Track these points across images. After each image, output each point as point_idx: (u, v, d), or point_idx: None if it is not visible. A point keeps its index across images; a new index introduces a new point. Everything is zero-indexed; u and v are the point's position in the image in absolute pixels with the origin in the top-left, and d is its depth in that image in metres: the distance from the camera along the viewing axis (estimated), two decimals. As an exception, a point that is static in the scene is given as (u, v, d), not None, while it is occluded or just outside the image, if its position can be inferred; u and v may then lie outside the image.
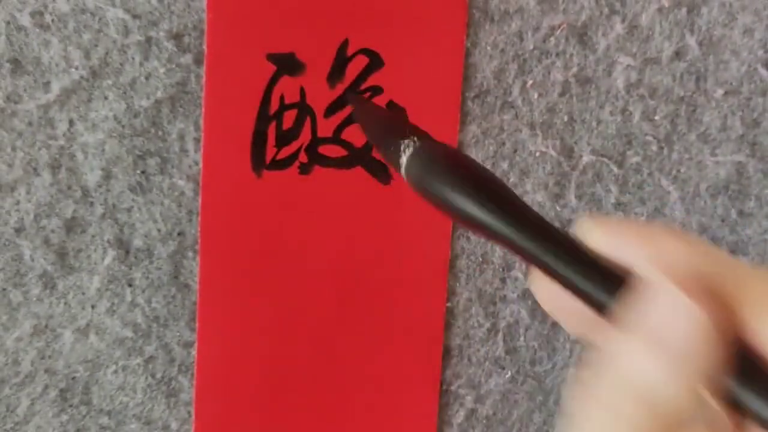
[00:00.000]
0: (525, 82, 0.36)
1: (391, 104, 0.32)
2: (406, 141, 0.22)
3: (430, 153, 0.21)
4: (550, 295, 0.18)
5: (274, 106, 0.33)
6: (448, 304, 0.37)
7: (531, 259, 0.18)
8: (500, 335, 0.38)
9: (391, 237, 0.35)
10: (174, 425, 0.37)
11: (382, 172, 0.34)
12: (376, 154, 0.33)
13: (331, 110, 0.33)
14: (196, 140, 0.34)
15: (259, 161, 0.34)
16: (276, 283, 0.35)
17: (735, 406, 0.15)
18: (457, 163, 0.20)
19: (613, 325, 0.16)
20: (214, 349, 0.35)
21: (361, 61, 0.33)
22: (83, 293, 0.35)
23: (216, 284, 0.34)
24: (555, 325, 0.38)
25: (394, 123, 0.25)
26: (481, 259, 0.37)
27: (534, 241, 0.17)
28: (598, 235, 0.17)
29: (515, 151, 0.36)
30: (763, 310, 0.15)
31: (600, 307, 0.17)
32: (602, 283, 0.16)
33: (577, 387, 0.16)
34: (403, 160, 0.22)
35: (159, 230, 0.35)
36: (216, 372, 0.36)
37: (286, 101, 0.33)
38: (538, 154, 0.37)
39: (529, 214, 0.18)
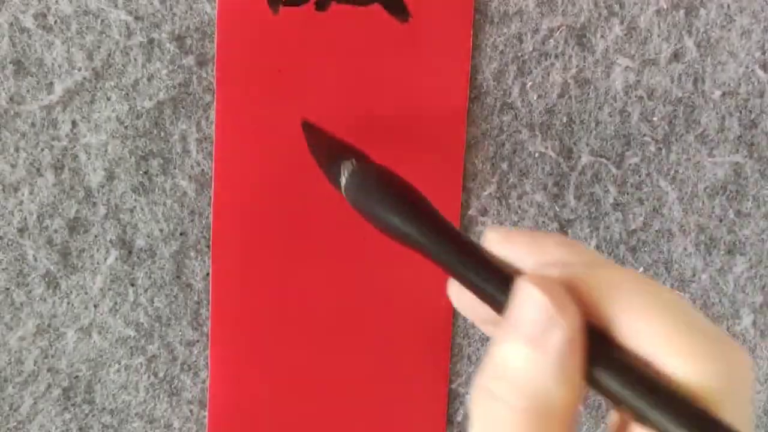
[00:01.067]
0: (524, 84, 0.36)
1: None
2: (345, 163, 0.25)
3: (364, 174, 0.24)
4: (463, 299, 0.21)
5: None
6: (448, 304, 0.37)
7: (444, 267, 0.20)
8: (500, 334, 0.38)
9: (408, 77, 0.35)
10: (176, 424, 0.37)
11: (399, 10, 0.34)
12: None
13: None
14: (199, 141, 0.34)
15: None
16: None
17: (599, 389, 0.18)
18: (386, 182, 0.23)
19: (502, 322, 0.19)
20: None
21: None
22: (86, 293, 0.35)
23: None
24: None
25: (337, 148, 0.28)
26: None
27: (445, 252, 0.20)
28: (498, 244, 0.20)
29: (515, 151, 0.37)
30: (620, 305, 0.18)
31: (499, 308, 0.19)
32: (499, 286, 0.19)
33: (475, 379, 0.19)
34: (343, 180, 0.25)
35: (161, 230, 0.35)
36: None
37: None
38: (537, 154, 0.37)
39: (443, 228, 0.21)
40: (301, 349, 0.36)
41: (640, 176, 0.38)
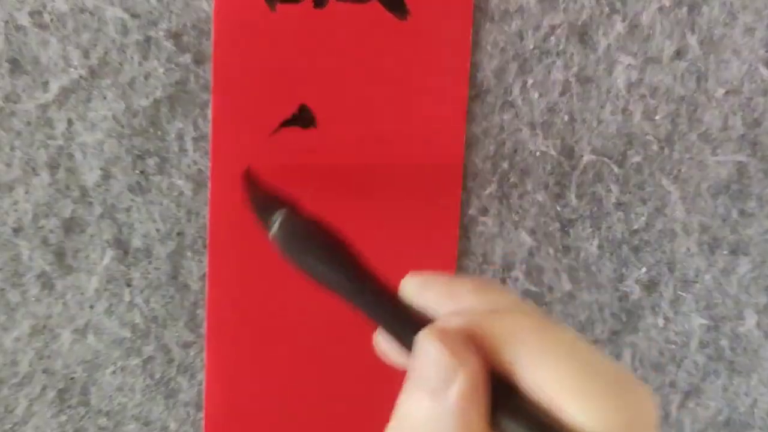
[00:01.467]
0: (525, 82, 0.36)
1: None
2: (276, 215, 0.26)
3: (290, 225, 0.26)
4: (387, 347, 0.22)
5: None
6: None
7: (364, 315, 0.21)
8: (500, 336, 0.38)
9: (408, 75, 0.34)
10: (173, 426, 0.36)
11: (398, 7, 0.34)
12: None
13: None
14: (195, 140, 0.34)
15: None
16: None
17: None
18: (311, 232, 0.25)
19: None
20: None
21: None
22: (82, 293, 0.35)
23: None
24: (555, 325, 0.38)
25: (271, 200, 0.30)
26: (481, 259, 0.37)
27: (364, 301, 0.21)
28: (416, 291, 0.21)
29: (515, 150, 0.36)
30: (521, 351, 0.18)
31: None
32: (414, 334, 0.19)
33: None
34: (273, 231, 0.26)
35: (158, 230, 0.35)
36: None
37: None
38: (538, 153, 0.36)
39: (363, 278, 0.22)
40: (297, 351, 0.36)
41: (642, 175, 0.37)
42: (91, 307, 0.35)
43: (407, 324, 0.20)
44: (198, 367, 0.36)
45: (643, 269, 0.38)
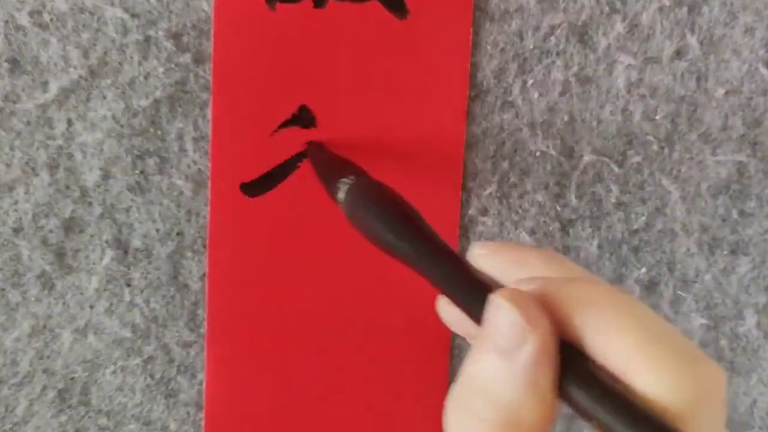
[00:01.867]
0: (525, 82, 0.36)
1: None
2: (344, 179, 0.26)
3: (360, 189, 0.26)
4: (451, 314, 0.22)
5: None
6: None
7: (431, 281, 0.21)
8: (500, 335, 0.38)
9: (407, 75, 0.34)
10: (173, 426, 0.36)
11: (398, 7, 0.34)
12: None
13: None
14: (195, 140, 0.34)
15: None
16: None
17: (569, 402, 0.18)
18: (380, 198, 0.24)
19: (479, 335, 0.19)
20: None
21: None
22: (82, 293, 0.35)
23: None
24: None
25: (338, 165, 0.29)
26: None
27: (431, 267, 0.21)
28: (483, 259, 0.21)
29: (515, 150, 0.36)
30: (593, 319, 0.18)
31: (479, 320, 0.19)
32: (482, 300, 0.19)
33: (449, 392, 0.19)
34: (340, 195, 0.26)
35: (158, 230, 0.35)
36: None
37: None
38: (538, 153, 0.36)
39: (431, 243, 0.22)
40: (298, 350, 0.36)
41: (642, 175, 0.37)
42: (91, 307, 0.35)
43: (476, 290, 0.20)
44: (198, 367, 0.36)
45: (643, 269, 0.38)
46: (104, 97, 0.33)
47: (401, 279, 0.36)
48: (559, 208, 0.37)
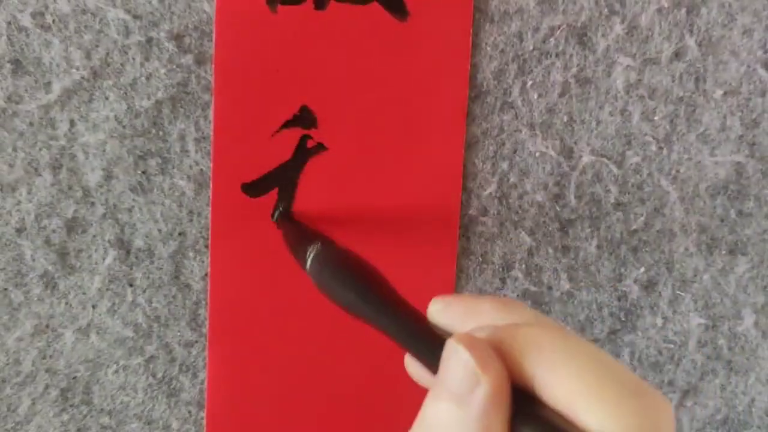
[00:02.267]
0: (525, 83, 0.36)
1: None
2: (311, 247, 0.28)
3: (324, 257, 0.27)
4: (417, 370, 0.22)
5: None
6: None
7: (395, 342, 0.22)
8: (500, 335, 0.38)
9: (407, 76, 0.35)
10: (175, 425, 0.37)
11: (398, 8, 0.34)
12: None
13: None
14: (197, 140, 0.34)
15: None
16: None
17: None
18: (343, 263, 0.26)
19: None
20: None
21: None
22: (84, 293, 0.35)
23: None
24: (555, 324, 0.38)
25: (305, 235, 0.31)
26: (481, 259, 0.37)
27: (391, 328, 0.22)
28: (441, 313, 0.22)
29: (515, 151, 0.36)
30: (542, 362, 0.18)
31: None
32: (437, 352, 0.20)
33: None
34: (308, 264, 0.28)
35: (160, 230, 0.35)
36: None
37: None
38: (537, 154, 0.37)
39: (391, 306, 0.23)
40: (299, 350, 0.36)
41: (641, 176, 0.37)
42: (94, 306, 0.35)
43: (433, 343, 0.21)
44: (200, 367, 0.36)
45: (642, 269, 0.38)
46: (106, 98, 0.33)
47: (403, 279, 0.36)
48: (558, 209, 0.37)
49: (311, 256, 0.28)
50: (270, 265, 0.35)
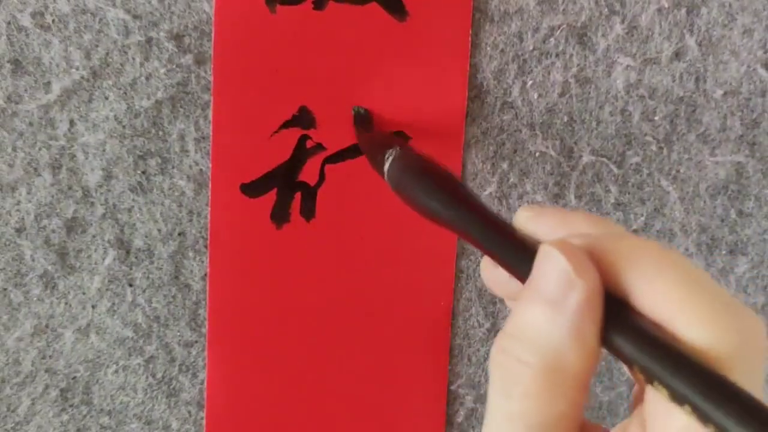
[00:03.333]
0: (525, 83, 0.36)
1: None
2: (390, 151, 0.27)
3: (404, 160, 0.26)
4: (495, 276, 0.22)
5: None
6: (448, 304, 0.37)
7: (476, 244, 0.22)
8: (500, 335, 0.38)
9: (407, 76, 0.35)
10: (174, 425, 0.37)
11: (397, 8, 0.34)
12: None
13: None
14: (197, 140, 0.34)
15: None
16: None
17: (616, 354, 0.18)
18: (424, 167, 0.25)
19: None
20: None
21: None
22: (84, 293, 0.35)
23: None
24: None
25: (382, 139, 0.30)
26: (481, 259, 0.37)
27: (476, 230, 0.22)
28: (529, 221, 0.22)
29: (515, 151, 0.36)
30: (639, 272, 0.18)
31: (523, 278, 0.20)
32: (526, 258, 0.20)
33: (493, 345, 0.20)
34: (386, 167, 0.27)
35: (159, 230, 0.35)
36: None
37: None
38: (537, 154, 0.37)
39: (475, 208, 0.22)
40: (299, 350, 0.36)
41: (641, 176, 0.37)
42: (93, 306, 0.35)
43: (521, 249, 0.20)
44: (200, 367, 0.36)
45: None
46: (106, 98, 0.33)
47: (404, 279, 0.36)
48: (558, 209, 0.37)
49: (389, 160, 0.27)
50: (269, 265, 0.35)
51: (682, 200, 0.38)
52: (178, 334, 0.36)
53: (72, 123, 0.34)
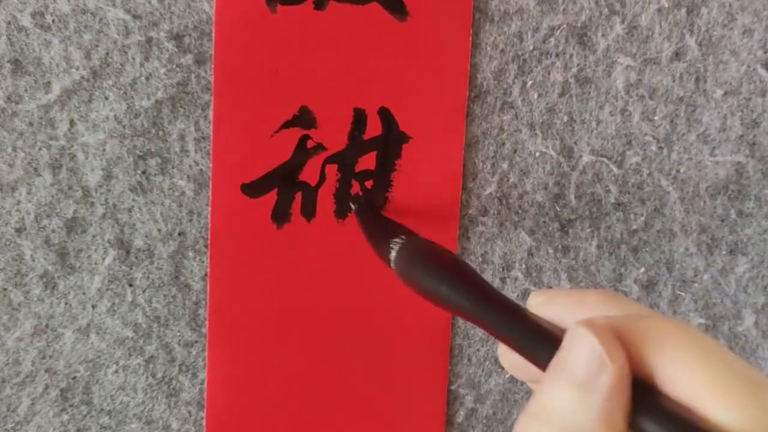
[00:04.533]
0: (525, 83, 0.36)
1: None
2: (395, 240, 0.27)
3: (411, 250, 0.26)
4: (513, 360, 0.22)
5: None
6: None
7: (492, 333, 0.22)
8: (500, 335, 0.38)
9: (407, 76, 0.35)
10: (174, 425, 0.37)
11: (398, 8, 0.34)
12: None
13: None
14: (197, 140, 0.34)
15: None
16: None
17: None
18: (432, 255, 0.25)
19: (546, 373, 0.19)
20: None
21: None
22: (84, 293, 0.35)
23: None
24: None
25: (387, 227, 0.30)
26: (481, 259, 0.37)
27: (493, 319, 0.21)
28: (542, 306, 0.21)
29: (515, 151, 0.36)
30: (664, 353, 0.18)
31: (544, 365, 0.20)
32: (545, 345, 0.20)
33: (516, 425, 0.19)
34: (392, 255, 0.27)
35: (159, 230, 0.35)
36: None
37: None
38: (537, 154, 0.37)
39: (489, 295, 0.22)
40: (299, 350, 0.36)
41: (641, 176, 0.37)
42: (94, 306, 0.35)
43: (539, 335, 0.20)
44: (200, 367, 0.36)
45: (642, 269, 0.38)
46: (106, 98, 0.33)
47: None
48: (558, 209, 0.37)
49: (396, 249, 0.27)
50: (270, 265, 0.35)
51: (682, 200, 0.38)
52: (178, 334, 0.36)
53: (72, 123, 0.34)
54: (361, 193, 0.35)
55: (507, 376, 0.38)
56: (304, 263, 0.35)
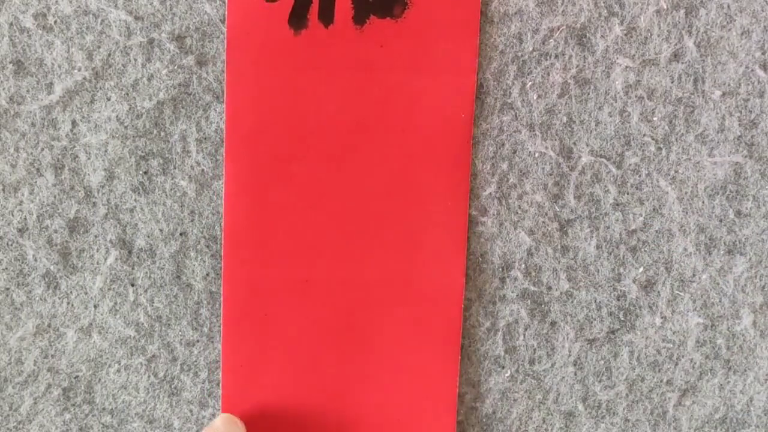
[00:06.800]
0: (524, 84, 0.36)
1: None
2: None
3: None
4: None
5: None
6: (448, 304, 0.37)
7: None
8: (499, 334, 0.38)
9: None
10: (176, 424, 0.37)
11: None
12: None
13: None
14: (199, 141, 0.34)
15: None
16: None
17: None
18: None
19: None
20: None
21: None
22: (86, 293, 0.35)
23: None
24: (554, 324, 0.38)
25: None
26: (480, 259, 0.37)
27: None
28: None
29: (514, 151, 0.37)
30: None
31: None
32: None
33: None
34: None
35: (161, 230, 0.35)
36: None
37: None
38: (537, 154, 0.37)
39: None
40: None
41: (640, 176, 0.38)
42: (96, 306, 0.35)
43: None
44: (201, 366, 0.36)
45: (641, 269, 0.38)
46: (108, 99, 0.34)
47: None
48: (557, 209, 0.37)
49: None
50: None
51: (681, 200, 0.38)
52: (180, 333, 0.36)
53: (74, 124, 0.34)
54: None
55: (506, 374, 0.39)
56: (322, 73, 0.34)
